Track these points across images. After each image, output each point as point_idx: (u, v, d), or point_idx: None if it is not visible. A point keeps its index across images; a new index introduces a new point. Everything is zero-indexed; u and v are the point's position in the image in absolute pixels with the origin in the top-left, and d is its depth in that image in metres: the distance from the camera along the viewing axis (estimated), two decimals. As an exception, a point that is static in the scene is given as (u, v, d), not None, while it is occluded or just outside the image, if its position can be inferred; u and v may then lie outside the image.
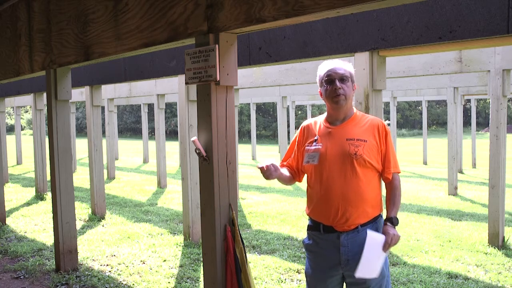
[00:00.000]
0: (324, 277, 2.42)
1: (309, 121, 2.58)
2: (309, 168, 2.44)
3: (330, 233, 2.38)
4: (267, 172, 2.42)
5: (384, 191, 2.50)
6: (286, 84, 7.70)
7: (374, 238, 2.31)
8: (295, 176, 2.60)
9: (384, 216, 2.44)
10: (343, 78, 2.39)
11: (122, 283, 4.44)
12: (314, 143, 2.43)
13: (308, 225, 2.53)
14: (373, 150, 2.35)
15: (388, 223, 2.37)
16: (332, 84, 2.39)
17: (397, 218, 2.39)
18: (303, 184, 3.11)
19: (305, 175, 2.55)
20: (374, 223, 2.40)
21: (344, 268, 2.37)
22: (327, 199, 2.33)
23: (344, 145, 2.35)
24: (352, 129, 2.40)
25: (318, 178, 2.38)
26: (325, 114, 2.52)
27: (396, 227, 2.37)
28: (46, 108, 6.72)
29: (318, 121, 2.52)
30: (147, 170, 14.89)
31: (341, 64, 2.43)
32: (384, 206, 2.48)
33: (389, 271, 2.48)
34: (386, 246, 2.31)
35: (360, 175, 2.31)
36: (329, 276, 2.42)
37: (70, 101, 4.90)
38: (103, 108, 12.64)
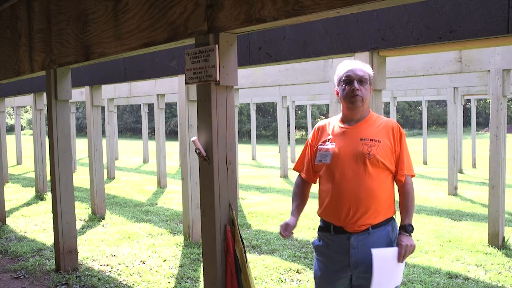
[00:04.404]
0: (333, 280, 2.40)
1: (323, 121, 2.57)
2: (321, 167, 2.42)
3: (340, 234, 2.36)
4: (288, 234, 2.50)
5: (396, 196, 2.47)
6: (286, 84, 7.70)
7: (382, 257, 2.25)
8: (310, 182, 2.58)
9: (398, 224, 2.40)
10: (361, 80, 2.38)
11: (122, 283, 4.44)
12: (327, 142, 2.42)
13: (319, 226, 2.51)
14: (387, 151, 2.33)
15: (403, 232, 2.34)
16: (350, 85, 2.38)
17: (411, 225, 2.35)
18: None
19: None
20: (387, 226, 2.37)
21: (353, 270, 2.34)
22: (339, 198, 2.32)
23: (358, 144, 2.33)
24: (366, 129, 2.39)
25: (330, 178, 2.36)
26: (340, 114, 2.51)
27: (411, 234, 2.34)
28: (46, 108, 6.71)
29: (332, 122, 2.52)
30: (147, 170, 14.89)
31: (361, 66, 2.43)
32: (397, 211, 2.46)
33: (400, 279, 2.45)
34: (401, 257, 2.28)
35: (373, 175, 2.29)
36: (338, 279, 2.39)
37: (70, 101, 4.90)
38: (103, 108, 12.62)
